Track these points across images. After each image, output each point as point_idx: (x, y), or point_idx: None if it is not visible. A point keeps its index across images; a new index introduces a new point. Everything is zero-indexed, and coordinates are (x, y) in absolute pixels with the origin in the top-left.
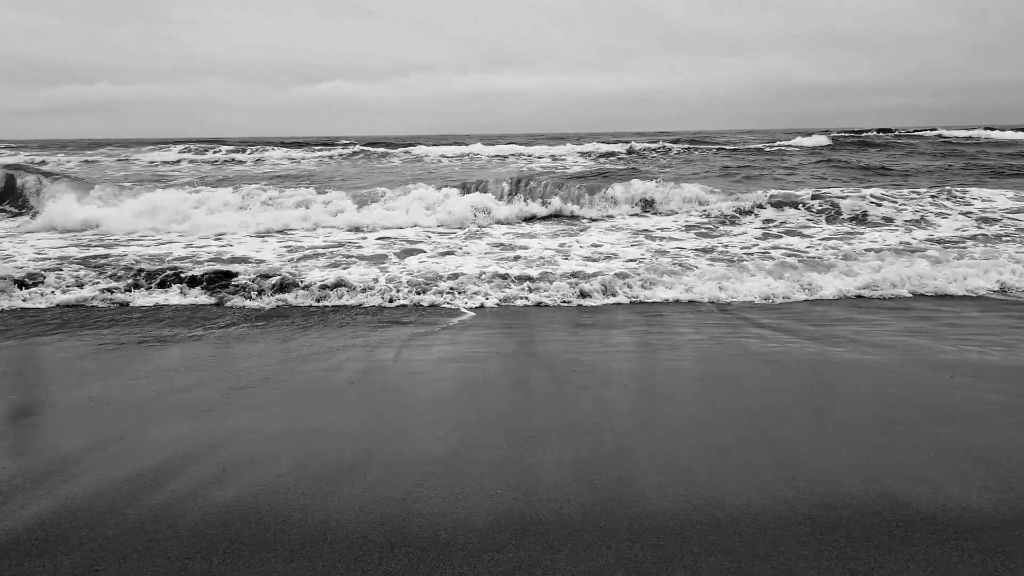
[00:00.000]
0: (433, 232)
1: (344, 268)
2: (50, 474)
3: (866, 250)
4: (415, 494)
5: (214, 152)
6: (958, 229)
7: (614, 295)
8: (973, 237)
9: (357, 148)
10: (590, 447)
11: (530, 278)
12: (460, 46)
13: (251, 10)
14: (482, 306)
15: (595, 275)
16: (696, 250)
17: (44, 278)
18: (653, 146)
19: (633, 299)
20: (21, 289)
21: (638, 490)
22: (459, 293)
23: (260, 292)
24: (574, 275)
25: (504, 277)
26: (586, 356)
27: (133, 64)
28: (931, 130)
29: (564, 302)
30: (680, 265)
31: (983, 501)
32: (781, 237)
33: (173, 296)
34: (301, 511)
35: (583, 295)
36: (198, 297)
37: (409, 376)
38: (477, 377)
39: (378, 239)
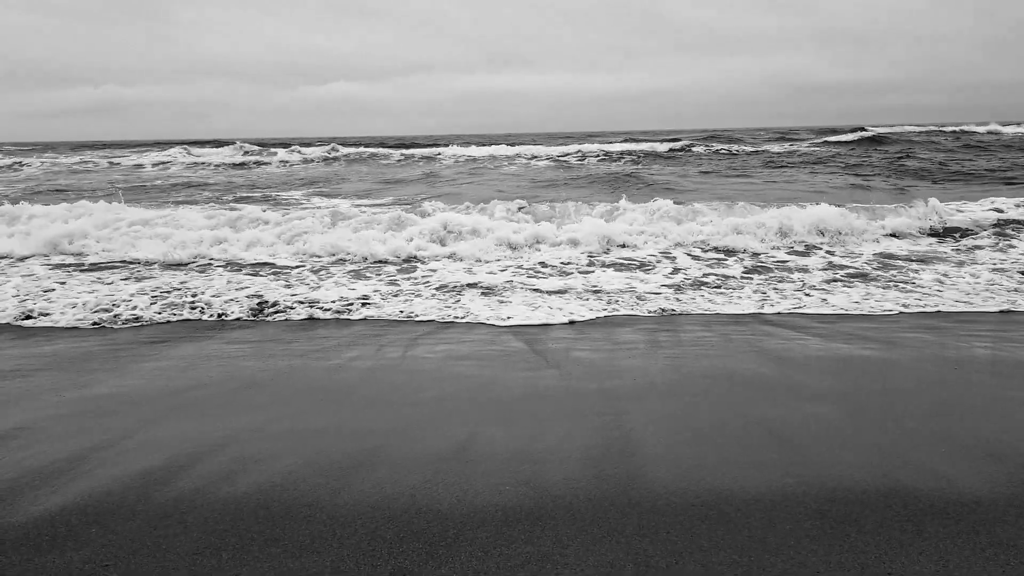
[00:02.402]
0: None
1: None
2: (60, 472)
3: None
4: (424, 490)
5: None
6: None
7: None
8: None
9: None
10: (598, 443)
11: None
12: (463, 46)
13: (253, 10)
14: None
15: None
16: None
17: None
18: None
19: None
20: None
21: (647, 485)
22: None
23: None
24: None
25: None
26: (594, 353)
27: (138, 66)
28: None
29: None
30: None
31: (995, 495)
32: None
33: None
34: (310, 507)
35: None
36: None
37: (417, 374)
38: (484, 375)
39: None
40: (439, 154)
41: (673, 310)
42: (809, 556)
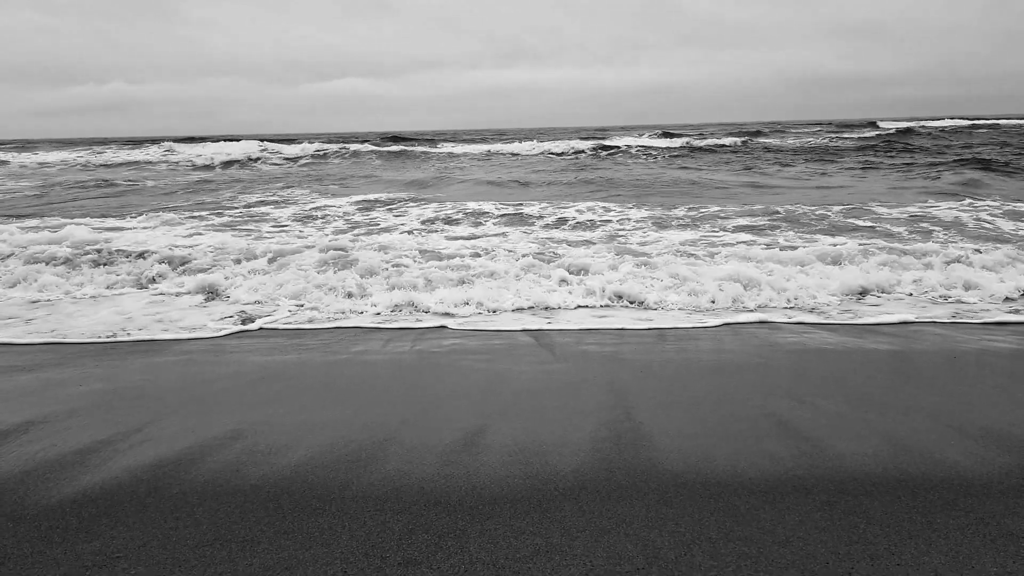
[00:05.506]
0: None
1: None
2: (71, 464)
3: None
4: (433, 482)
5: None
6: None
7: None
8: None
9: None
10: (608, 436)
11: None
12: (474, 42)
13: (261, 8)
14: None
15: None
16: None
17: None
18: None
19: None
20: None
21: (656, 477)
22: None
23: None
24: None
25: None
26: (603, 347)
27: (147, 64)
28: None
29: None
30: None
31: (1005, 486)
32: None
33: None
34: (319, 499)
35: None
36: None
37: (424, 368)
38: (493, 368)
39: None
40: (431, 151)
41: None
42: (818, 547)
